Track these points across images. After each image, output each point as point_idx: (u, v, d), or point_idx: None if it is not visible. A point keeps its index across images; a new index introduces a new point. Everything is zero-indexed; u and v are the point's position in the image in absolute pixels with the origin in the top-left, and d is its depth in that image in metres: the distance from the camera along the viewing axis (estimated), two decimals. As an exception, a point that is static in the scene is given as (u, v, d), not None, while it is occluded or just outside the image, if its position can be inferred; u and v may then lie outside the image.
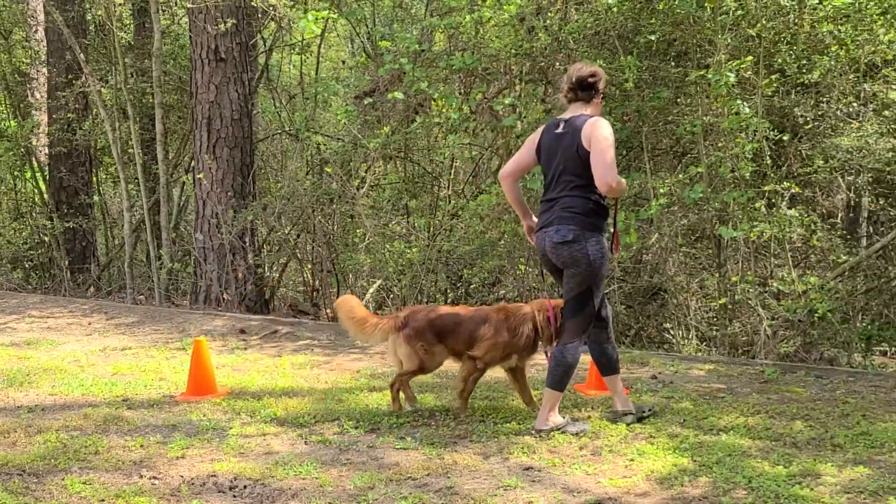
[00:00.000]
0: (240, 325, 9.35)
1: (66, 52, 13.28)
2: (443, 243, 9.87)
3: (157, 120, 11.46)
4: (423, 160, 11.03)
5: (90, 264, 14.11)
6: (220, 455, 5.35)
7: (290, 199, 11.03)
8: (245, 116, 11.15)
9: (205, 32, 10.69)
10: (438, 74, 9.34)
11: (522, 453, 5.18)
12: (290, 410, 6.18)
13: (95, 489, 4.81)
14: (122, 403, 6.46)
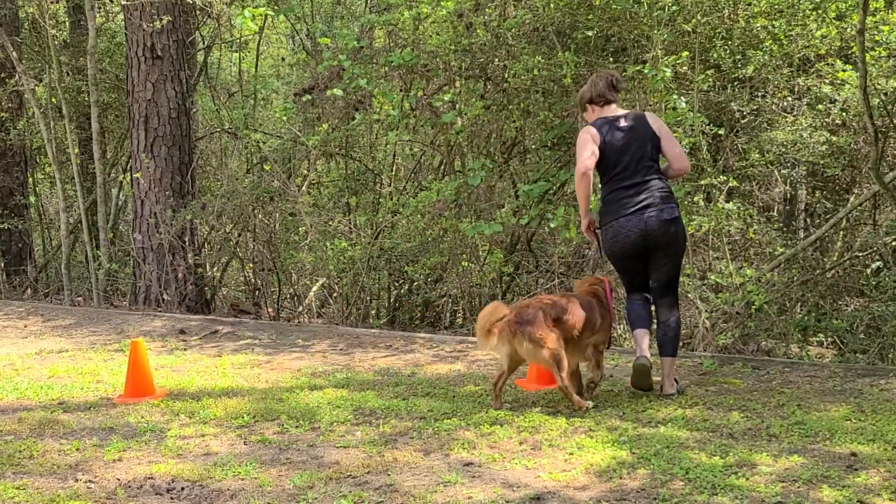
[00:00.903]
0: (180, 326, 9.26)
1: (-2, 50, 13.05)
2: (385, 240, 9.85)
3: (93, 119, 11.29)
4: (364, 157, 11.00)
5: (26, 266, 13.88)
6: (158, 457, 5.28)
7: (230, 198, 10.94)
8: (183, 115, 11.03)
9: (140, 30, 10.56)
10: (378, 71, 9.31)
11: (463, 449, 5.18)
12: (230, 411, 6.12)
13: (30, 494, 4.73)
14: (58, 407, 6.36)
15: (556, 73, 8.20)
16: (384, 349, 8.02)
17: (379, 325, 9.91)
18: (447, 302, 10.97)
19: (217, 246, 12.01)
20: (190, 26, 11.50)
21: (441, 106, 8.93)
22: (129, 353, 6.61)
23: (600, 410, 5.86)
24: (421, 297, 10.63)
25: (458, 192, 8.88)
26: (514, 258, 9.67)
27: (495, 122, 9.00)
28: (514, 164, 9.67)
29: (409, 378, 6.93)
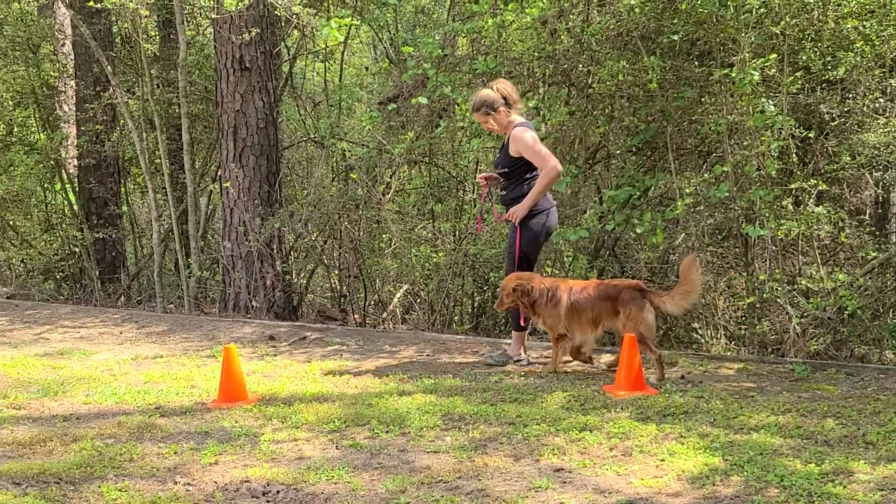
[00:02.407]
0: (269, 332, 9.41)
1: (93, 64, 13.41)
2: (469, 247, 9.90)
3: (184, 130, 11.55)
4: (447, 164, 11.07)
5: (120, 274, 14.23)
6: (253, 461, 5.40)
7: (317, 206, 11.10)
8: (270, 125, 11.22)
9: (229, 42, 10.77)
10: (461, 79, 9.37)
11: (553, 455, 5.19)
12: (321, 415, 6.21)
13: (131, 496, 4.87)
14: (155, 411, 6.52)
15: (641, 77, 8.16)
16: (471, 355, 8.06)
17: (464, 332, 9.95)
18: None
19: (303, 253, 12.18)
20: (276, 38, 11.70)
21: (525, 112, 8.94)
22: (222, 358, 6.76)
23: (691, 417, 5.82)
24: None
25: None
26: (598, 264, 9.64)
27: (579, 127, 8.99)
28: (598, 169, 9.65)
29: (496, 384, 6.96)
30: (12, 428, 6.20)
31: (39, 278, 14.51)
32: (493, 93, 7.47)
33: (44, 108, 14.64)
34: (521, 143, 7.36)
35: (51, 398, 6.99)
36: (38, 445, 5.80)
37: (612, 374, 7.07)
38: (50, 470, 5.27)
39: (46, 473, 5.22)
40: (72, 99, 15.00)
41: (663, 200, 9.07)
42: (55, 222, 14.90)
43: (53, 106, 14.97)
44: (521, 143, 7.36)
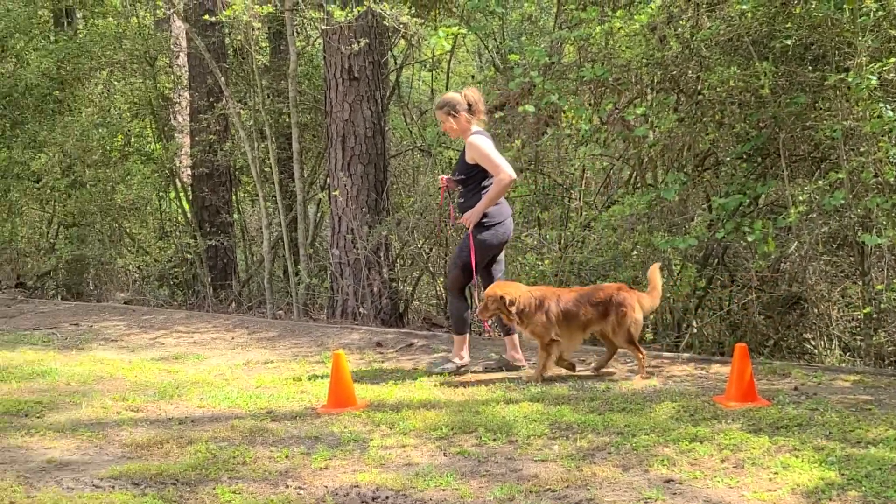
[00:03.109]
0: (376, 339, 9.51)
1: (207, 76, 13.75)
2: (576, 254, 9.85)
3: (294, 139, 11.76)
4: (552, 172, 11.03)
5: (231, 280, 14.55)
6: (362, 466, 5.47)
7: (423, 214, 11.17)
8: (378, 133, 11.35)
9: (338, 53, 10.93)
10: (568, 86, 9.33)
11: (662, 466, 5.14)
12: (429, 422, 6.26)
13: (245, 498, 4.98)
14: (267, 415, 6.66)
15: (752, 83, 8.02)
16: (577, 363, 8.01)
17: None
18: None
19: (409, 261, 12.27)
20: (384, 48, 11.83)
21: (633, 119, 8.87)
22: (332, 364, 6.86)
23: (805, 430, 5.69)
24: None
25: (650, 206, 8.80)
26: (707, 272, 9.49)
27: (688, 134, 8.87)
28: (707, 176, 9.51)
29: (603, 393, 6.91)
30: (130, 430, 6.39)
31: (154, 284, 14.92)
32: (461, 98, 7.68)
33: (159, 119, 15.07)
34: (476, 150, 7.55)
35: (167, 401, 7.19)
36: (155, 447, 5.97)
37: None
38: (167, 471, 5.42)
39: (164, 474, 5.37)
40: (186, 110, 15.42)
41: (774, 208, 8.89)
42: (169, 230, 15.31)
43: (168, 117, 15.41)
44: (476, 150, 7.55)
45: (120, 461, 5.72)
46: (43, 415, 6.86)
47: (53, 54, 14.42)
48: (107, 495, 5.08)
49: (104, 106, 15.23)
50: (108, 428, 6.45)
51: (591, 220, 9.94)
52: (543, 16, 12.81)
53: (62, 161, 14.37)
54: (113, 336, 10.22)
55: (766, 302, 9.57)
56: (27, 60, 14.81)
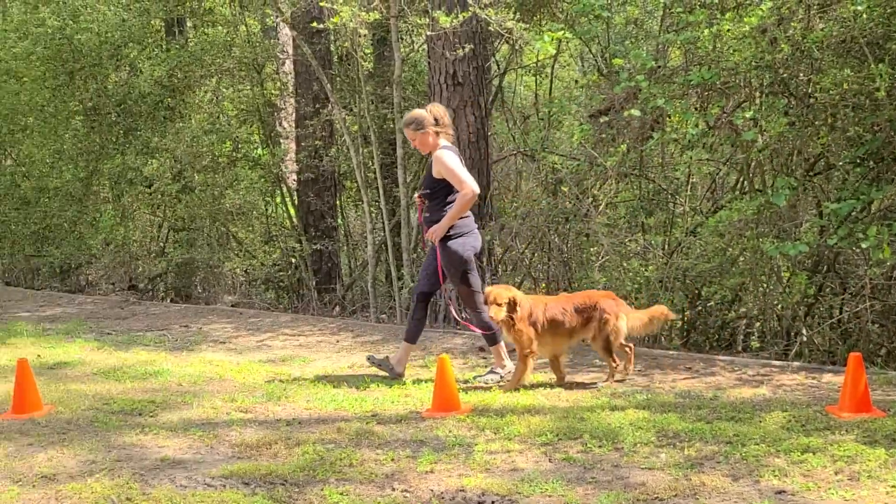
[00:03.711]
0: (479, 344, 9.52)
1: (313, 82, 13.95)
2: (681, 260, 9.72)
3: (398, 144, 11.85)
4: (657, 177, 10.91)
5: (335, 284, 14.72)
6: (468, 470, 5.48)
7: (525, 219, 11.15)
8: (482, 138, 11.36)
9: (443, 58, 10.99)
10: (674, 90, 9.22)
11: (773, 476, 5.04)
12: (533, 428, 6.25)
13: (352, 500, 5.04)
14: (372, 418, 6.72)
15: (867, 86, 7.81)
16: (683, 371, 7.91)
17: (675, 347, 9.77)
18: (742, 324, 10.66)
19: (511, 266, 12.25)
20: (487, 52, 11.85)
21: (741, 123, 8.71)
22: (436, 368, 6.89)
23: (923, 442, 5.52)
24: (717, 319, 10.39)
25: (759, 211, 8.64)
26: (817, 279, 9.27)
27: (798, 138, 8.68)
28: (818, 181, 9.29)
29: (711, 401, 6.80)
30: (240, 430, 6.52)
31: (261, 287, 15.19)
32: (427, 113, 7.85)
33: (266, 125, 15.35)
34: (441, 164, 7.71)
35: (274, 402, 7.32)
36: (264, 448, 6.08)
37: None
38: (276, 472, 5.52)
39: (273, 475, 5.47)
40: (291, 116, 15.66)
41: (888, 213, 8.64)
42: (275, 234, 15.56)
43: (274, 123, 15.68)
44: (441, 164, 7.71)
45: (230, 461, 5.84)
46: (156, 414, 7.05)
47: (166, 63, 14.81)
48: (218, 494, 5.20)
49: (213, 112, 15.57)
50: (218, 428, 6.59)
51: (697, 225, 9.80)
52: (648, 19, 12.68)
53: (173, 167, 14.74)
54: (221, 338, 10.43)
55: (881, 310, 9.30)
56: (140, 69, 15.23)
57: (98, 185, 16.71)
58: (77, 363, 9.07)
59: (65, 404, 7.37)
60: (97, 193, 16.88)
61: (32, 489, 5.41)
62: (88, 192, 16.49)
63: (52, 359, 9.29)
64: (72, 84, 15.66)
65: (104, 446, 6.21)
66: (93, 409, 7.21)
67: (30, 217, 17.24)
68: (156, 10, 15.25)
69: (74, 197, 16.36)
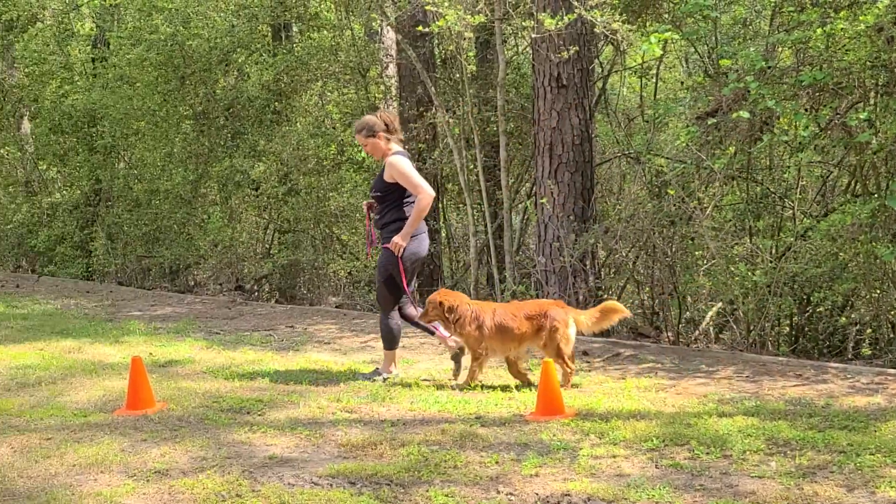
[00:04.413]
0: (583, 348, 9.45)
1: (417, 86, 14.04)
2: (791, 265, 9.51)
3: (502, 147, 11.85)
4: (765, 179, 10.70)
5: (437, 287, 14.75)
6: (572, 475, 5.45)
7: (630, 222, 11.04)
8: (586, 141, 11.29)
9: (547, 61, 10.95)
10: (785, 91, 9.03)
11: (891, 488, 4.89)
12: (639, 433, 6.18)
13: (457, 502, 5.06)
14: (476, 421, 6.73)
15: None
16: (793, 378, 7.73)
17: (784, 353, 9.56)
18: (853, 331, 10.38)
19: (614, 269, 12.14)
20: (591, 54, 11.77)
21: (856, 125, 8.48)
22: (541, 372, 6.86)
23: None
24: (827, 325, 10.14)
25: (873, 215, 8.40)
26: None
27: (916, 140, 8.42)
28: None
29: (823, 409, 6.64)
30: (346, 430, 6.60)
31: (364, 289, 15.33)
32: (377, 119, 8.09)
33: (370, 128, 15.47)
34: (395, 169, 7.88)
35: (378, 403, 7.38)
36: (369, 448, 6.13)
37: None
38: (381, 472, 5.56)
39: (378, 475, 5.52)
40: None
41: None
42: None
43: (377, 126, 15.79)
44: (395, 169, 7.88)
45: (336, 460, 5.91)
46: (263, 412, 7.17)
47: (273, 67, 15.08)
48: (325, 493, 5.26)
49: (318, 116, 15.80)
50: (324, 427, 6.68)
51: (807, 229, 9.58)
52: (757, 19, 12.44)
53: (279, 169, 15.00)
54: (326, 339, 10.56)
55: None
56: (248, 74, 15.54)
57: (206, 188, 17.10)
58: (187, 361, 9.29)
59: (176, 401, 7.55)
60: (205, 196, 17.27)
61: (147, 484, 5.56)
62: (197, 195, 16.89)
63: (164, 357, 9.53)
64: (182, 89, 16.07)
65: (214, 443, 6.34)
66: (203, 407, 7.37)
67: (141, 219, 17.75)
68: (264, 15, 15.53)
69: (184, 199, 16.78)
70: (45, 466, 5.95)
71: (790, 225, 10.16)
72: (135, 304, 14.12)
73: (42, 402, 7.71)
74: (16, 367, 9.07)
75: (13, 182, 21.91)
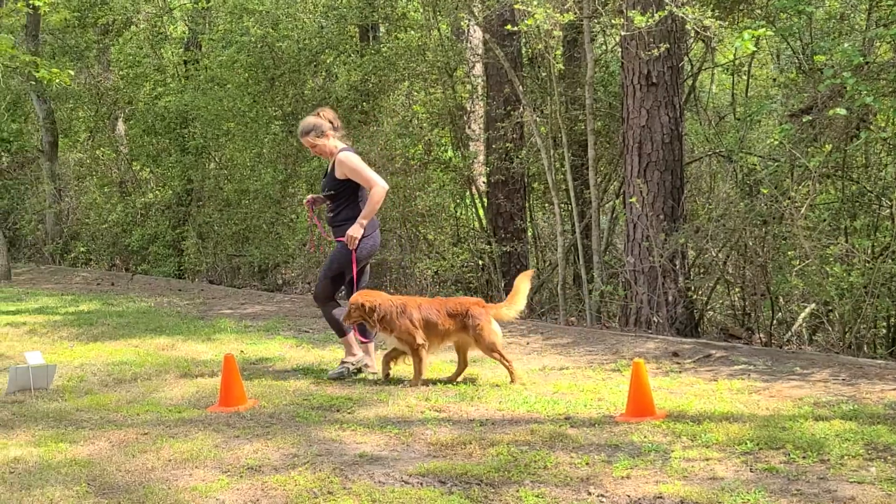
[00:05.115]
0: (672, 349, 9.34)
1: (504, 85, 14.02)
2: (888, 266, 9.27)
3: (590, 146, 11.78)
4: (861, 178, 10.45)
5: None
6: (664, 477, 5.38)
7: (721, 221, 10.87)
8: (675, 140, 11.16)
9: (637, 59, 10.84)
10: (883, 87, 8.80)
11: None
12: (732, 436, 6.08)
13: (547, 502, 5.02)
14: (565, 421, 6.68)
15: None
16: (892, 381, 7.52)
17: (882, 356, 9.33)
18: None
19: (704, 269, 11.97)
20: (681, 51, 11.63)
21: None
22: (631, 373, 6.78)
23: None
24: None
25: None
26: None
27: None
28: None
29: (924, 414, 6.46)
30: (435, 429, 6.61)
31: (452, 288, 15.34)
32: (321, 119, 8.22)
33: (456, 127, 15.51)
34: (347, 166, 8.06)
35: (467, 403, 7.37)
36: (458, 447, 6.13)
37: None
38: (471, 471, 5.56)
39: (468, 474, 5.51)
40: (480, 119, 15.77)
41: None
42: (462, 236, 15.70)
43: (464, 126, 15.82)
44: (347, 166, 8.06)
45: (426, 459, 5.92)
46: (353, 410, 7.22)
47: (361, 68, 15.18)
48: (416, 491, 5.28)
49: (405, 116, 15.86)
50: (413, 426, 6.70)
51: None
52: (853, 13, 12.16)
53: (367, 169, 15.08)
54: (413, 337, 10.58)
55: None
56: (336, 74, 15.67)
57: (295, 188, 17.28)
58: (277, 359, 9.41)
59: (267, 399, 7.65)
60: (294, 195, 17.45)
61: (240, 479, 5.64)
62: (286, 194, 17.08)
63: (254, 355, 9.66)
64: (272, 90, 16.27)
65: (305, 440, 6.40)
66: (293, 404, 7.46)
67: (231, 218, 18.03)
68: (352, 16, 15.64)
69: (273, 199, 16.98)
70: (142, 461, 6.08)
71: (888, 224, 9.91)
72: (225, 303, 14.34)
73: (138, 398, 7.88)
74: (112, 364, 9.28)
75: (108, 182, 22.39)
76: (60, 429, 6.94)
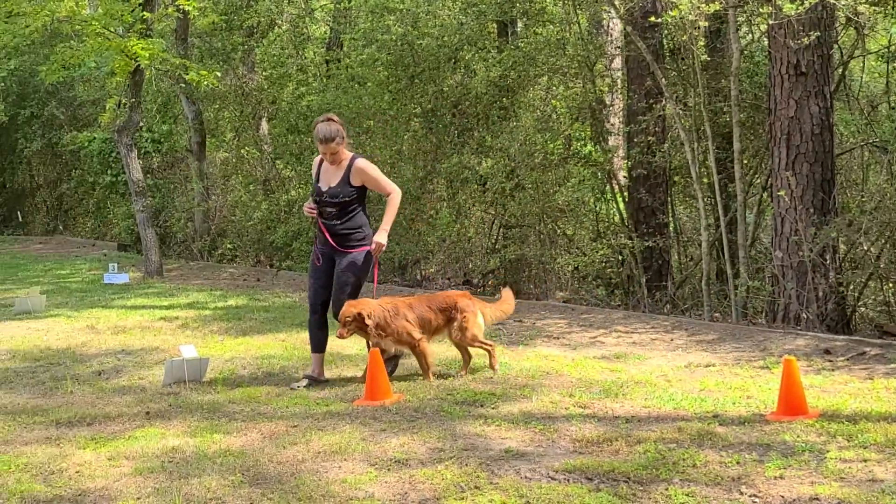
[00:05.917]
0: (824, 346, 9.05)
1: (645, 78, 13.82)
2: None
3: (735, 138, 11.50)
4: None
5: (666, 282, 14.49)
6: (820, 478, 5.23)
7: (875, 214, 10.48)
8: (826, 130, 10.80)
9: (785, 48, 10.53)
10: None
11: None
12: (891, 436, 5.86)
13: (698, 502, 4.95)
14: (713, 419, 6.55)
15: None
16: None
17: None
18: None
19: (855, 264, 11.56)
20: (831, 39, 11.25)
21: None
22: (782, 370, 6.60)
23: None
24: None
25: None
26: None
27: None
28: None
29: None
30: (579, 425, 6.56)
31: (592, 284, 15.22)
32: (338, 125, 8.11)
33: (596, 122, 15.36)
34: (368, 174, 8.10)
35: (611, 399, 7.30)
36: (604, 444, 6.08)
37: None
38: (618, 469, 5.50)
39: (615, 472, 5.46)
40: (620, 112, 15.59)
41: None
42: (602, 231, 15.55)
43: (603, 120, 15.65)
44: (368, 174, 8.10)
45: (571, 455, 5.88)
46: (497, 406, 7.23)
47: (500, 64, 15.17)
48: (563, 487, 5.25)
49: (545, 111, 15.79)
50: (557, 422, 6.66)
51: None
52: None
53: (506, 165, 15.07)
54: (555, 333, 10.54)
55: None
56: (474, 70, 15.69)
57: (434, 184, 17.39)
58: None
59: (412, 393, 7.72)
60: (433, 192, 17.57)
61: (388, 472, 5.71)
62: (425, 191, 17.20)
63: (397, 349, 9.76)
64: (411, 88, 16.40)
65: (450, 435, 6.44)
66: (437, 399, 7.51)
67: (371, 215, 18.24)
68: (491, 12, 15.65)
69: (412, 195, 17.11)
70: (293, 453, 6.22)
71: None
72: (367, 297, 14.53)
73: (286, 391, 8.06)
74: (261, 357, 9.51)
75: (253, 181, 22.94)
76: (214, 420, 7.16)
